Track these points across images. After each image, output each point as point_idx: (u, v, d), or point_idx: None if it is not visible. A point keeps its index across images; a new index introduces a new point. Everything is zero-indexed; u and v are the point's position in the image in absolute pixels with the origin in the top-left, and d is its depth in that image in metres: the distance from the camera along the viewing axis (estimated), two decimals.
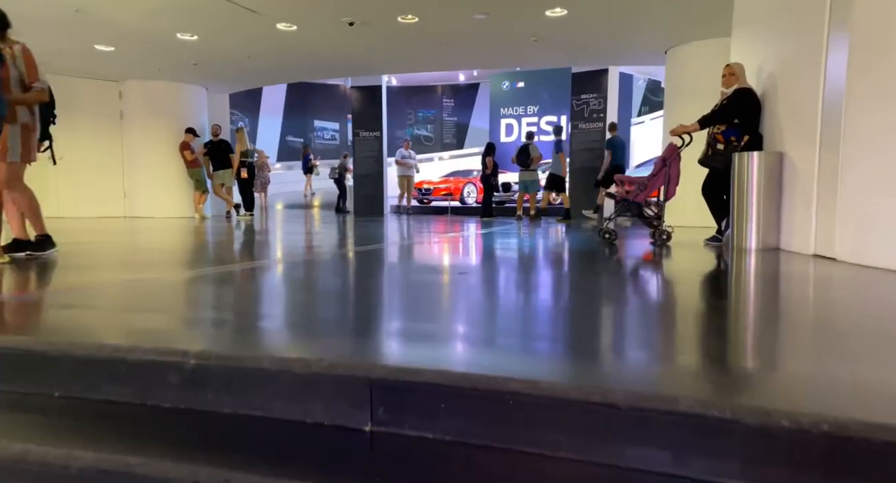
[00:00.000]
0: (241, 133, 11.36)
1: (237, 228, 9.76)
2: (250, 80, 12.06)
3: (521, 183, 11.52)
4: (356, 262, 4.54)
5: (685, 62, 8.76)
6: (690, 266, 4.56)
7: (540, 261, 4.75)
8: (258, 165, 18.24)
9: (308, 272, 3.99)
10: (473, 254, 5.30)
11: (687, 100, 8.63)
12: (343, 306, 2.78)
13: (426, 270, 4.21)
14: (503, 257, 5.00)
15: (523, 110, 21.89)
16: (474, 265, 4.50)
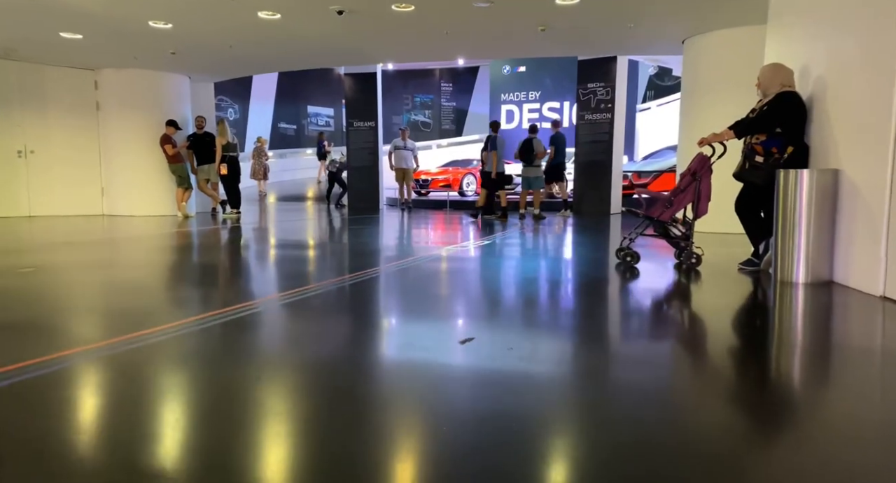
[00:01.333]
0: (223, 125, 10.63)
1: (223, 228, 9.15)
2: (235, 69, 11.30)
3: (523, 180, 10.84)
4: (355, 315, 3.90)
5: (705, 53, 8.04)
6: (726, 302, 3.94)
7: (543, 291, 4.13)
8: (256, 152, 17.71)
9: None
10: (470, 292, 4.66)
11: (707, 96, 7.94)
12: None
13: (407, 342, 3.57)
14: (503, 299, 4.37)
15: (524, 96, 21.12)
16: (474, 313, 3.87)
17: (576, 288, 4.40)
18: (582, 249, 6.67)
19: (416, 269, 4.95)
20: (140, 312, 3.47)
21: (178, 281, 4.67)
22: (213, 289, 4.32)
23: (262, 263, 5.67)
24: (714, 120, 7.93)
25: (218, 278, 4.80)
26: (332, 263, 5.64)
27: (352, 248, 6.81)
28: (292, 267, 5.42)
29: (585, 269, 5.27)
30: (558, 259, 5.87)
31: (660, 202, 4.96)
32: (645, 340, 3.02)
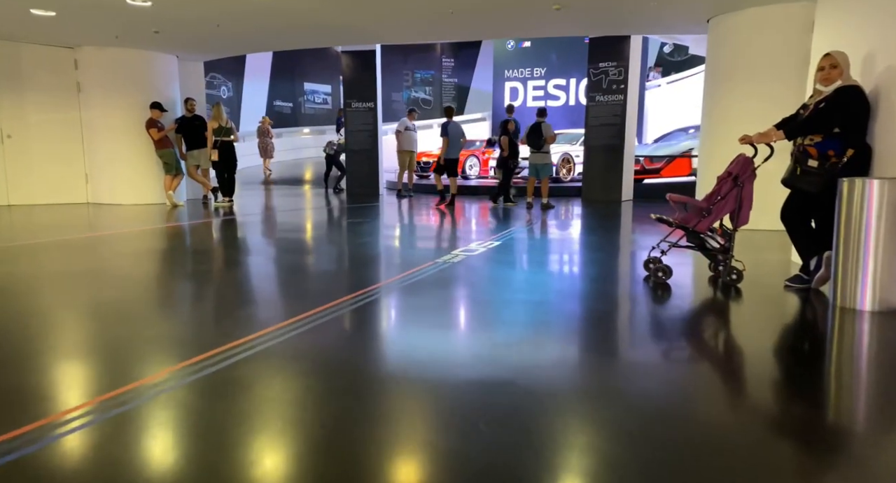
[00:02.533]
0: (218, 108, 9.99)
1: (215, 217, 8.58)
2: (225, 48, 10.60)
3: (531, 166, 10.25)
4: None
5: (733, 34, 7.39)
6: (775, 331, 3.42)
7: (557, 310, 3.61)
8: (261, 131, 17.14)
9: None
10: (474, 303, 4.13)
11: (733, 80, 7.32)
12: None
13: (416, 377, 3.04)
14: (508, 318, 3.84)
15: (529, 73, 20.35)
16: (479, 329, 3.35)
17: (602, 313, 3.88)
18: (601, 255, 6.13)
19: (423, 286, 4.43)
20: (117, 357, 2.96)
21: (154, 307, 4.15)
22: (195, 324, 3.80)
23: (254, 279, 5.14)
24: (740, 106, 7.34)
25: (202, 304, 4.27)
26: (333, 275, 5.11)
27: (354, 251, 6.30)
28: (288, 282, 4.89)
29: (609, 286, 4.74)
30: (576, 270, 5.34)
31: (694, 209, 4.40)
32: (684, 389, 2.50)
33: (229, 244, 6.73)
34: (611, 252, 6.17)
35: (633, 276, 4.84)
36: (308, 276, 4.91)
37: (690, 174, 11.99)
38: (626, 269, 5.20)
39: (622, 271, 5.10)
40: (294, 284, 4.61)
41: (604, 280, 4.73)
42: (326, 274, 4.97)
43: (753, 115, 7.12)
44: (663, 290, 4.25)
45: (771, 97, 7.03)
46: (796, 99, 6.89)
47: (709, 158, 7.74)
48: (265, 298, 4.21)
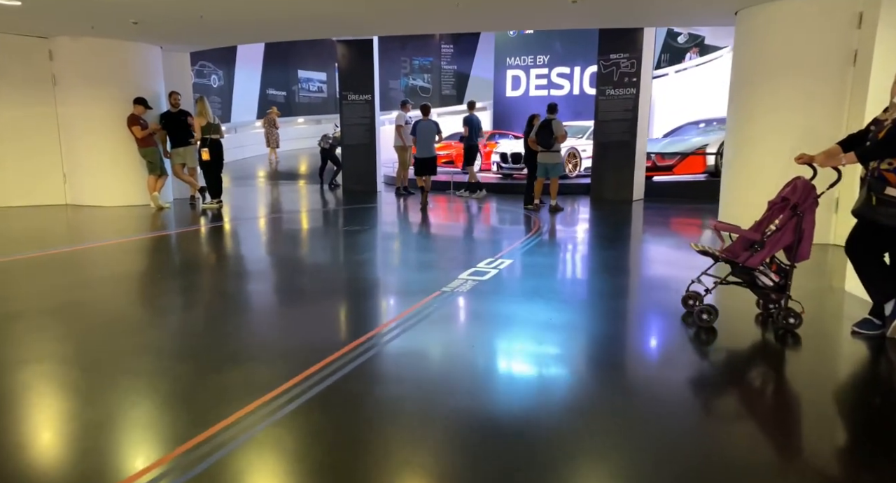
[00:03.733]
0: (202, 103, 9.30)
1: (203, 222, 7.89)
2: (212, 39, 9.89)
3: (540, 166, 9.63)
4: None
5: (766, 27, 6.75)
6: (844, 392, 2.87)
7: (586, 361, 3.05)
8: (267, 123, 16.62)
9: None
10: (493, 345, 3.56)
11: (765, 78, 6.69)
12: None
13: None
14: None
15: (532, 60, 19.64)
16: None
17: (640, 367, 3.31)
18: (627, 282, 5.57)
19: (426, 334, 3.86)
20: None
21: (127, 357, 3.57)
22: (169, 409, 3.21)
23: (228, 329, 4.55)
24: (771, 106, 6.72)
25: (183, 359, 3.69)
26: (322, 317, 4.53)
27: (349, 275, 5.73)
28: (268, 331, 4.31)
29: (644, 327, 4.18)
30: (601, 305, 4.78)
31: (743, 240, 3.82)
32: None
33: (212, 266, 6.14)
34: (637, 275, 5.59)
35: (670, 310, 4.27)
36: (292, 319, 4.31)
37: (704, 172, 11.41)
38: (659, 300, 4.63)
39: (655, 304, 4.52)
40: (275, 333, 4.03)
41: (637, 319, 4.16)
42: (314, 316, 4.37)
43: (786, 116, 6.55)
44: (707, 333, 3.68)
45: (808, 97, 6.44)
46: (836, 100, 6.31)
47: (734, 161, 7.16)
48: (232, 366, 3.63)
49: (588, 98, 18.41)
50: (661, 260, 6.11)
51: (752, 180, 6.75)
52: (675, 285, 4.92)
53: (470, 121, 11.67)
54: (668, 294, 4.73)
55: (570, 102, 18.45)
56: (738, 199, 6.98)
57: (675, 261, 6.05)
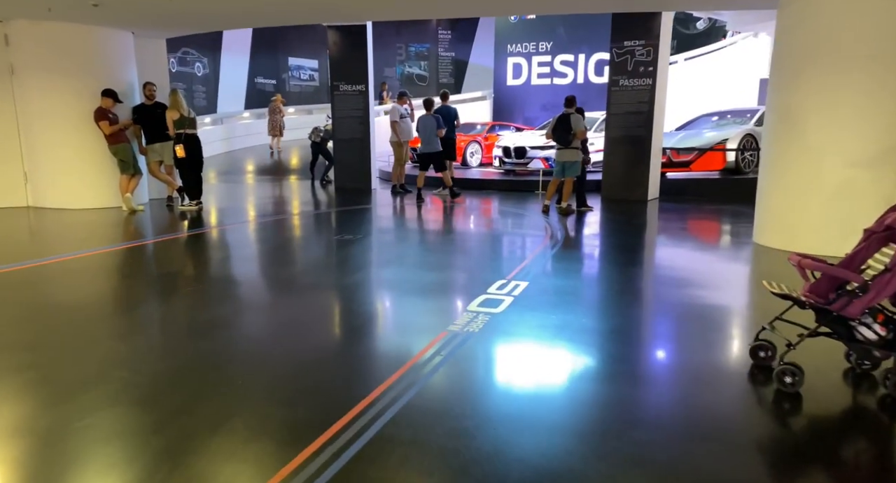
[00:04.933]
0: (176, 96, 8.41)
1: (179, 228, 6.81)
2: (188, 23, 8.96)
3: (556, 164, 8.80)
4: None
5: (818, 11, 5.89)
6: None
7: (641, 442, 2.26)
8: (271, 110, 15.84)
9: None
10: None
11: (815, 71, 5.84)
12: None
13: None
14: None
15: (534, 47, 18.68)
16: None
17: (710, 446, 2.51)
18: (664, 310, 4.78)
19: (432, 413, 3.06)
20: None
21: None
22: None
23: (186, 402, 3.72)
24: (821, 102, 5.89)
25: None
26: (298, 383, 3.72)
27: (337, 308, 4.94)
28: (233, 408, 3.49)
29: (704, 385, 3.39)
30: (642, 354, 3.99)
31: (831, 280, 3.01)
32: None
33: (182, 292, 5.33)
34: (681, 308, 4.79)
35: (731, 361, 3.47)
36: (266, 392, 3.50)
37: (724, 169, 10.59)
38: (715, 345, 3.83)
39: (712, 352, 3.72)
40: (242, 410, 3.21)
41: (693, 378, 3.35)
42: (289, 380, 3.56)
43: (848, 113, 5.72)
44: (793, 403, 2.89)
45: (868, 95, 5.61)
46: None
47: (774, 163, 6.33)
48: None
49: (593, 87, 17.57)
50: (704, 284, 5.31)
51: (801, 187, 5.94)
52: (730, 322, 4.13)
53: (445, 113, 10.78)
54: (723, 336, 3.94)
55: (575, 92, 17.51)
56: (781, 208, 6.17)
57: (720, 284, 5.26)
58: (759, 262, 5.93)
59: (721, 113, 12.33)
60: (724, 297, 4.81)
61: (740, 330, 3.98)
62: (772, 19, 10.89)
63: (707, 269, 5.78)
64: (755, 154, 10.81)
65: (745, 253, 6.29)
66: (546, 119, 16.66)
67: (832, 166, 5.72)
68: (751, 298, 4.74)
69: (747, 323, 4.09)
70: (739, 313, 4.37)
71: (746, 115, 11.68)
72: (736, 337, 3.82)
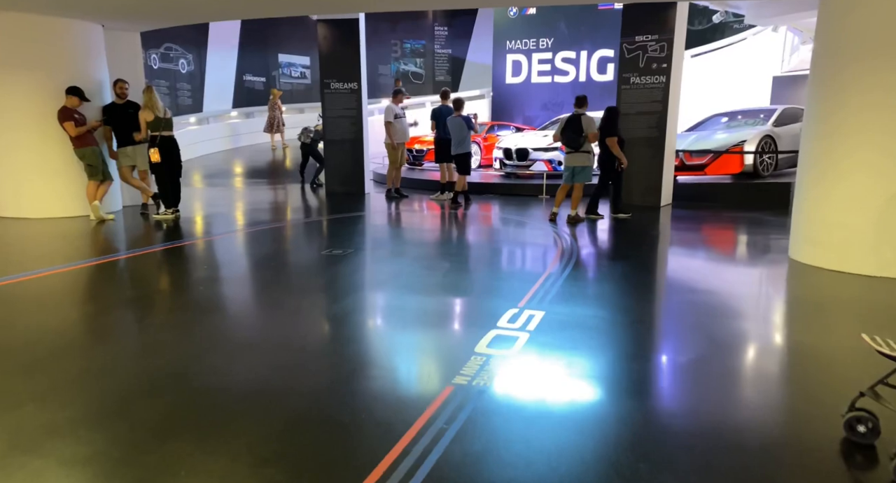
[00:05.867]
0: (150, 94, 7.66)
1: (153, 240, 5.98)
2: (160, 15, 8.19)
3: (566, 169, 8.09)
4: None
5: (869, 4, 5.17)
6: None
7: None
8: (270, 106, 15.14)
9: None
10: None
11: (866, 67, 5.14)
12: None
13: None
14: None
15: (534, 44, 17.97)
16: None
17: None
18: (721, 357, 4.08)
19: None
20: None
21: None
22: None
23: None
24: (872, 102, 5.22)
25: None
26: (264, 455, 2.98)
27: (320, 349, 4.23)
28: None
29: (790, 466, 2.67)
30: (696, 403, 3.28)
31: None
32: None
33: (141, 325, 4.60)
34: (722, 344, 4.08)
35: (817, 434, 2.77)
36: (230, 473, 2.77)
37: (742, 173, 9.89)
38: (787, 406, 3.12)
39: (786, 415, 3.02)
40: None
41: (772, 454, 2.64)
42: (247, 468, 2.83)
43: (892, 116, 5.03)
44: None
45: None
46: None
47: (816, 171, 5.63)
48: None
49: (596, 86, 16.87)
50: (748, 314, 4.61)
51: (852, 200, 5.25)
52: (801, 374, 3.41)
53: (439, 113, 10.08)
54: (797, 394, 3.22)
55: (577, 91, 16.83)
56: (826, 223, 5.47)
57: (768, 314, 4.57)
58: (805, 284, 5.24)
59: (731, 113, 11.64)
60: (780, 335, 4.11)
61: (818, 387, 3.25)
62: (793, 12, 10.23)
63: (747, 294, 5.08)
64: (774, 157, 10.14)
65: (784, 272, 5.59)
66: (547, 118, 16.00)
67: (892, 176, 5.02)
68: (815, 338, 4.04)
69: (824, 375, 3.37)
70: (809, 360, 3.66)
71: (760, 116, 10.99)
72: (816, 399, 3.09)
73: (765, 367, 3.53)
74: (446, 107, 10.09)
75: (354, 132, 11.02)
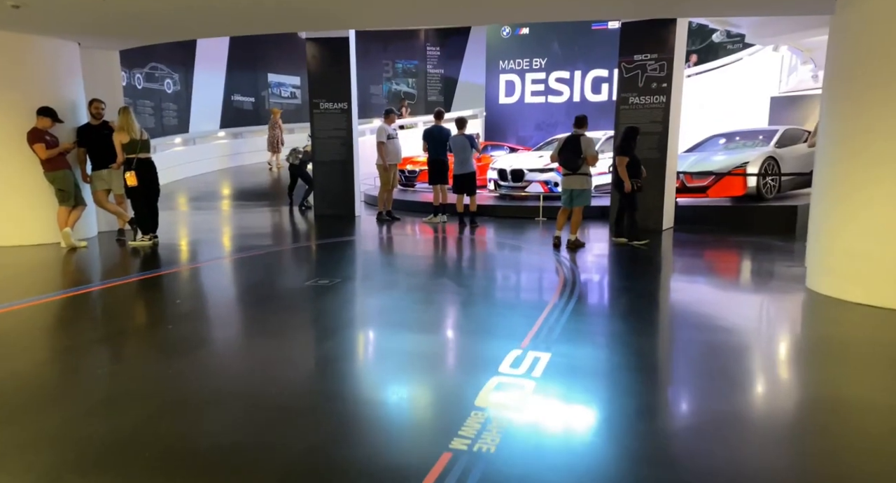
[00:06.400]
0: (126, 115, 7.27)
1: (129, 269, 5.47)
2: (139, 32, 7.82)
3: (563, 192, 7.73)
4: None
5: (879, 21, 4.87)
6: None
7: None
8: (270, 125, 14.83)
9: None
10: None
11: (882, 89, 4.80)
12: None
13: None
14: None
15: (528, 64, 17.79)
16: None
17: None
18: (764, 413, 3.64)
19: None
20: None
21: None
22: None
23: None
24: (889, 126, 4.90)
25: None
26: None
27: (301, 407, 3.79)
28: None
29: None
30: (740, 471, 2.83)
31: None
32: None
33: (106, 378, 4.14)
34: (757, 393, 3.67)
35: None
36: None
37: (745, 195, 9.55)
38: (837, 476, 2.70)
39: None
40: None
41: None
42: None
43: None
44: None
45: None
46: None
47: (836, 195, 5.28)
48: None
49: (590, 106, 16.61)
50: (777, 357, 4.21)
51: (873, 227, 4.88)
52: (845, 435, 2.99)
53: (430, 135, 9.76)
54: (846, 469, 2.79)
55: (572, 111, 16.61)
56: (851, 252, 5.09)
57: (802, 356, 4.17)
58: (829, 320, 4.84)
59: (729, 134, 11.34)
60: (811, 385, 3.70)
61: (863, 454, 2.84)
62: (794, 31, 10.02)
63: (768, 333, 4.67)
64: (777, 179, 9.83)
65: (804, 305, 5.20)
66: (541, 139, 15.74)
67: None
68: (852, 389, 3.63)
69: (869, 439, 2.95)
70: (848, 417, 3.25)
71: (759, 137, 10.71)
72: (863, 469, 2.67)
73: (799, 426, 3.11)
74: (439, 127, 9.76)
75: (344, 153, 10.65)
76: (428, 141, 9.78)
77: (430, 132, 9.78)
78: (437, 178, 9.84)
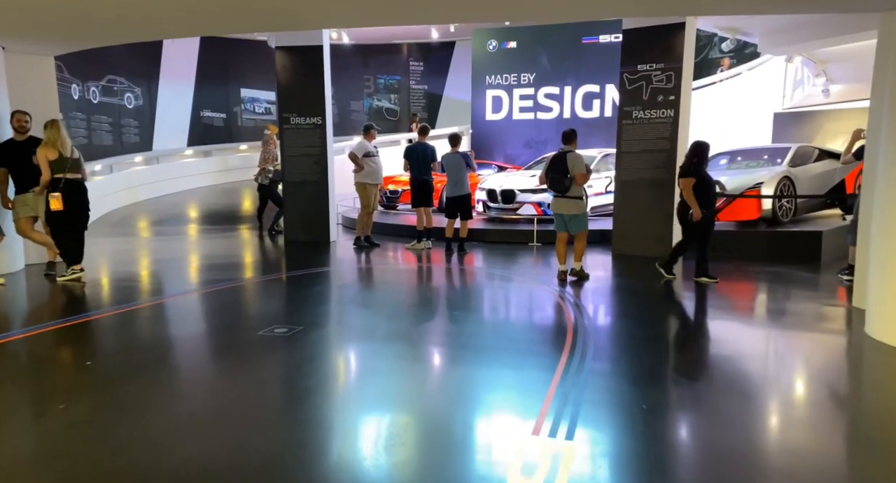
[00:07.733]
0: (56, 129, 6.19)
1: (52, 308, 4.40)
2: (75, 35, 6.72)
3: (556, 217, 6.75)
4: None
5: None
6: None
7: None
8: (264, 141, 13.68)
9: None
10: None
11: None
12: None
13: None
14: None
15: (515, 79, 16.93)
16: None
17: None
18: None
19: None
20: None
21: None
22: None
23: None
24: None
25: None
26: None
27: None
28: None
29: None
30: None
31: None
32: None
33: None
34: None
35: None
36: None
37: (760, 218, 8.65)
38: None
39: None
40: None
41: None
42: None
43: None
44: None
45: None
46: None
47: (890, 225, 4.33)
48: None
49: (581, 123, 15.75)
50: (859, 443, 3.21)
51: None
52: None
53: (412, 152, 8.78)
54: None
55: (561, 127, 15.72)
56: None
57: (869, 433, 3.15)
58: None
59: (728, 154, 10.41)
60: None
61: None
62: (809, 40, 9.21)
63: (836, 400, 3.67)
64: (792, 201, 8.95)
65: (870, 361, 4.22)
66: (530, 157, 14.84)
67: None
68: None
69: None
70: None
71: (764, 156, 9.86)
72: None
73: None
74: (423, 144, 8.78)
75: (318, 173, 9.61)
76: (409, 159, 8.78)
77: (413, 149, 8.80)
78: (420, 200, 8.83)
